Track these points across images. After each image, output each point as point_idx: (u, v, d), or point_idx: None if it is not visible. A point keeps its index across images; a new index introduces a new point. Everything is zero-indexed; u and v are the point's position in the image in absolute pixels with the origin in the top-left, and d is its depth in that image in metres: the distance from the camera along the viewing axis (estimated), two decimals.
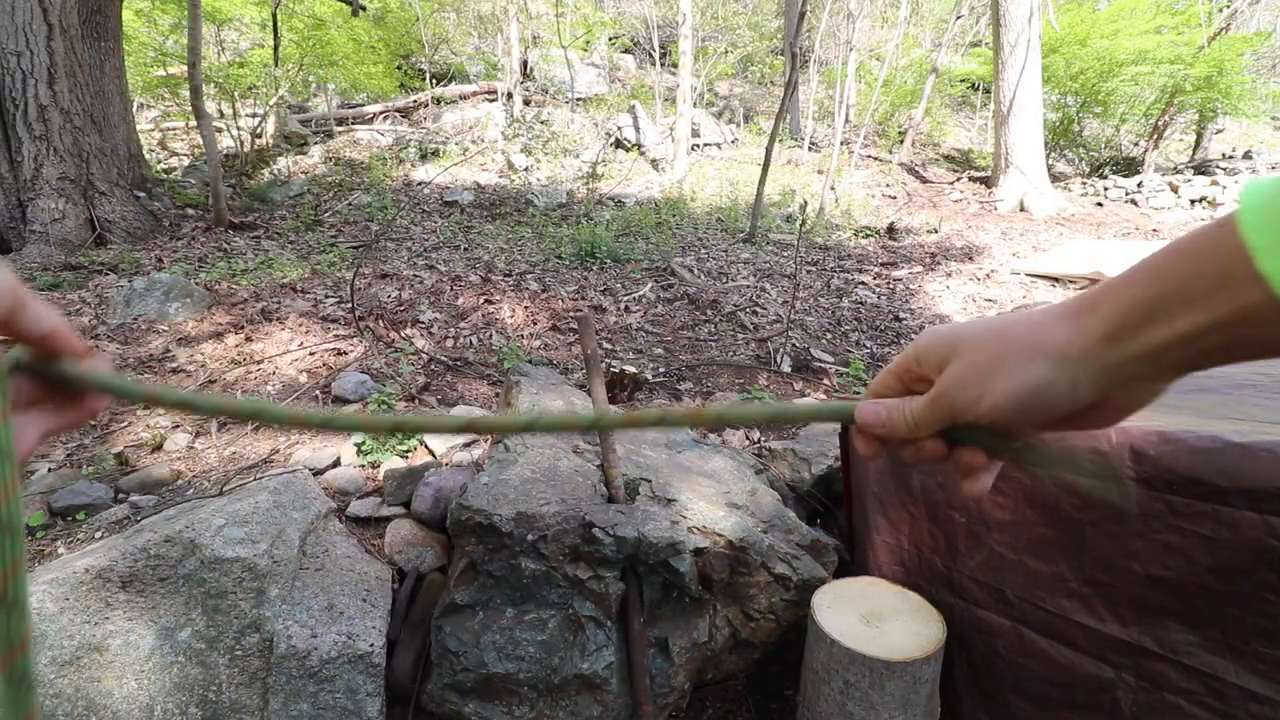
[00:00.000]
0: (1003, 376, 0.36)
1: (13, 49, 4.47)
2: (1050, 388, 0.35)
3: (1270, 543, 0.95)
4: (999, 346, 0.36)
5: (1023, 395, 0.35)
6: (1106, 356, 0.34)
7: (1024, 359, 0.35)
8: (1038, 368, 0.35)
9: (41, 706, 1.23)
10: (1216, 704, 1.02)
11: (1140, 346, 0.32)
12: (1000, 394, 0.36)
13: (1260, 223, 0.27)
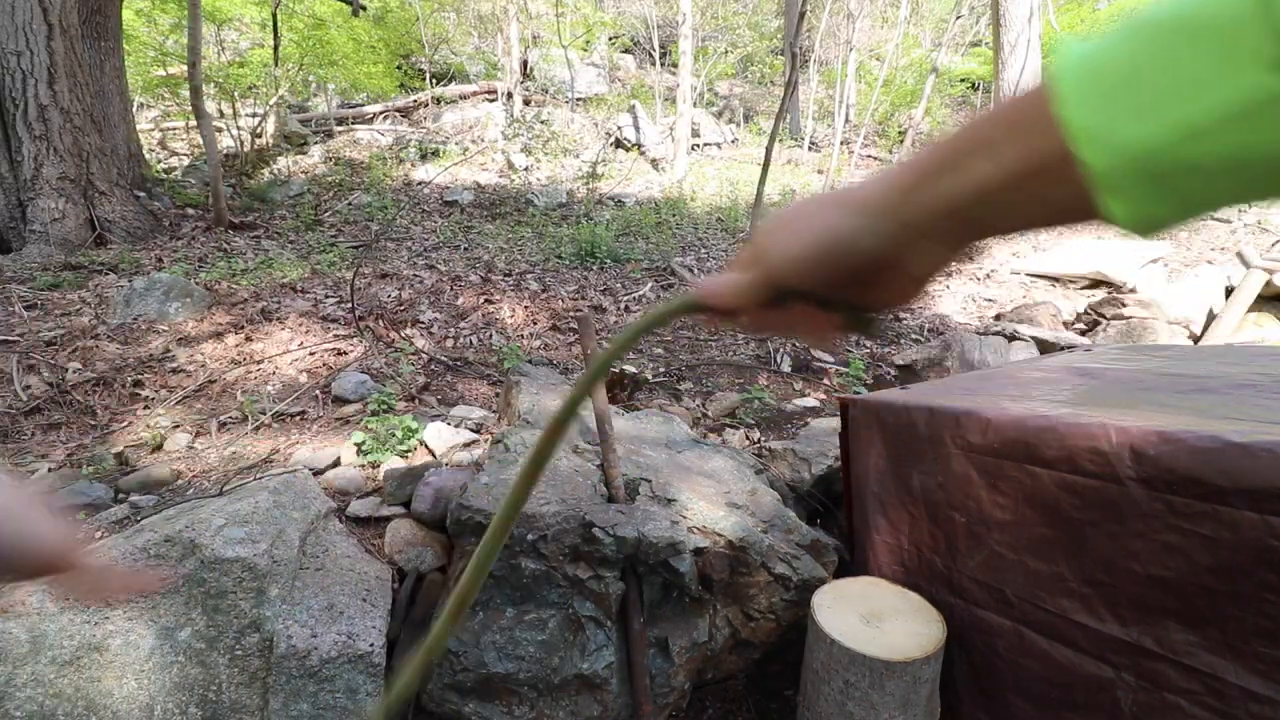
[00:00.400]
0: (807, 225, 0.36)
1: (13, 49, 4.46)
2: (847, 235, 0.35)
3: (1270, 543, 0.95)
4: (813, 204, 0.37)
5: (823, 241, 0.36)
6: (904, 208, 0.33)
7: (829, 210, 0.36)
8: (838, 215, 0.35)
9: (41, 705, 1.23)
10: (1216, 704, 1.02)
11: (934, 198, 0.32)
12: (803, 241, 0.36)
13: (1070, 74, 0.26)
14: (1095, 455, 1.13)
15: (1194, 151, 0.23)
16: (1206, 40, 0.23)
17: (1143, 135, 0.24)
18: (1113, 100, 0.25)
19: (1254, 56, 0.22)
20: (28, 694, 1.22)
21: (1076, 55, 0.27)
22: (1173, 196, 0.25)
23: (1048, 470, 1.21)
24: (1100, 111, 0.25)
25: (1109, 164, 0.25)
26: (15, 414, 2.40)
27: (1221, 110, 0.22)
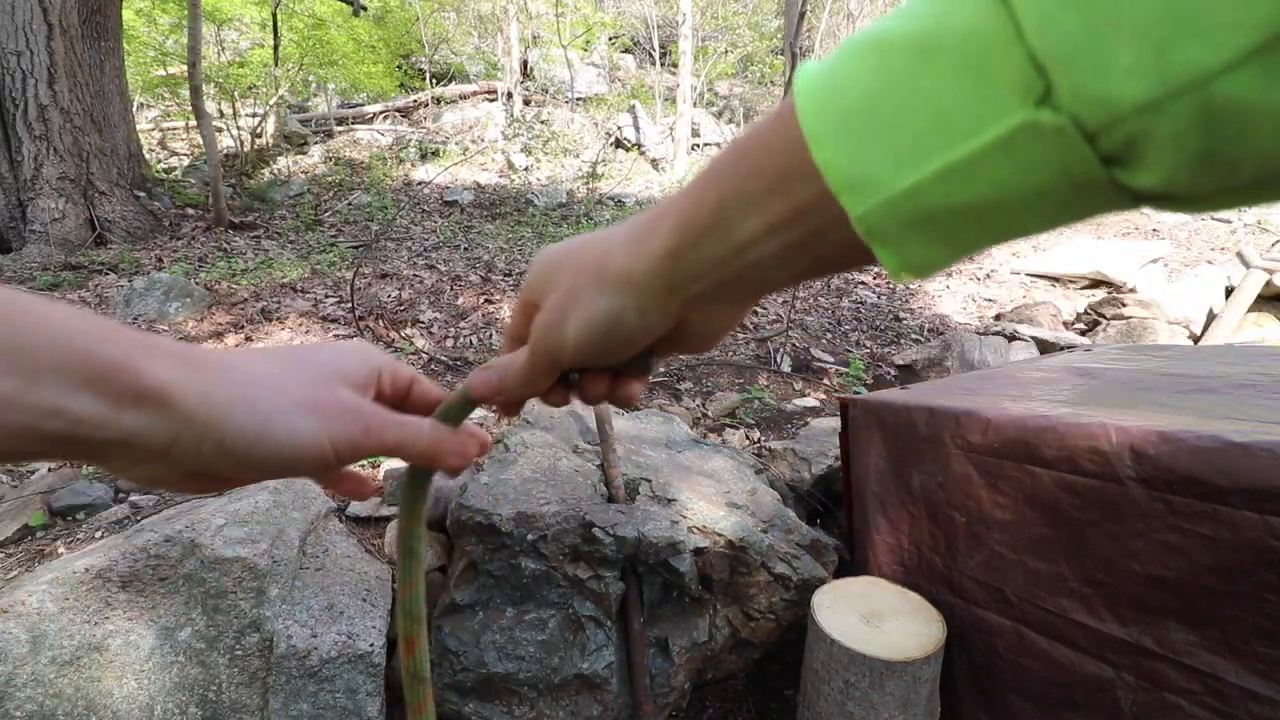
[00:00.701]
0: (576, 312, 0.33)
1: (13, 49, 4.47)
2: (620, 318, 0.32)
3: (1270, 543, 0.95)
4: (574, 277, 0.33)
5: (596, 330, 0.32)
6: (671, 277, 0.30)
7: (594, 289, 0.32)
8: (605, 298, 0.32)
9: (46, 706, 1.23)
10: (1216, 704, 1.02)
11: (700, 263, 0.29)
12: (577, 332, 0.33)
13: (814, 105, 0.23)
14: (1095, 455, 1.13)
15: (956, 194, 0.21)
16: (951, 67, 0.20)
17: (899, 180, 0.21)
18: (861, 137, 0.22)
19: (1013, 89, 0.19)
20: (28, 694, 1.22)
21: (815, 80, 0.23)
22: (939, 240, 0.23)
23: (1048, 470, 1.21)
24: (852, 152, 0.22)
25: (870, 213, 0.22)
26: None
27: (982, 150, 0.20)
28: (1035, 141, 0.19)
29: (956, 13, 0.20)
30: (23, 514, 1.81)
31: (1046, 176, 0.19)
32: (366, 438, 0.34)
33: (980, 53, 0.19)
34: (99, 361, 0.26)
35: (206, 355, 0.31)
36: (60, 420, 0.25)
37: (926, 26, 0.20)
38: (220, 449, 0.30)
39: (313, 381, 0.33)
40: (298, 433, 0.32)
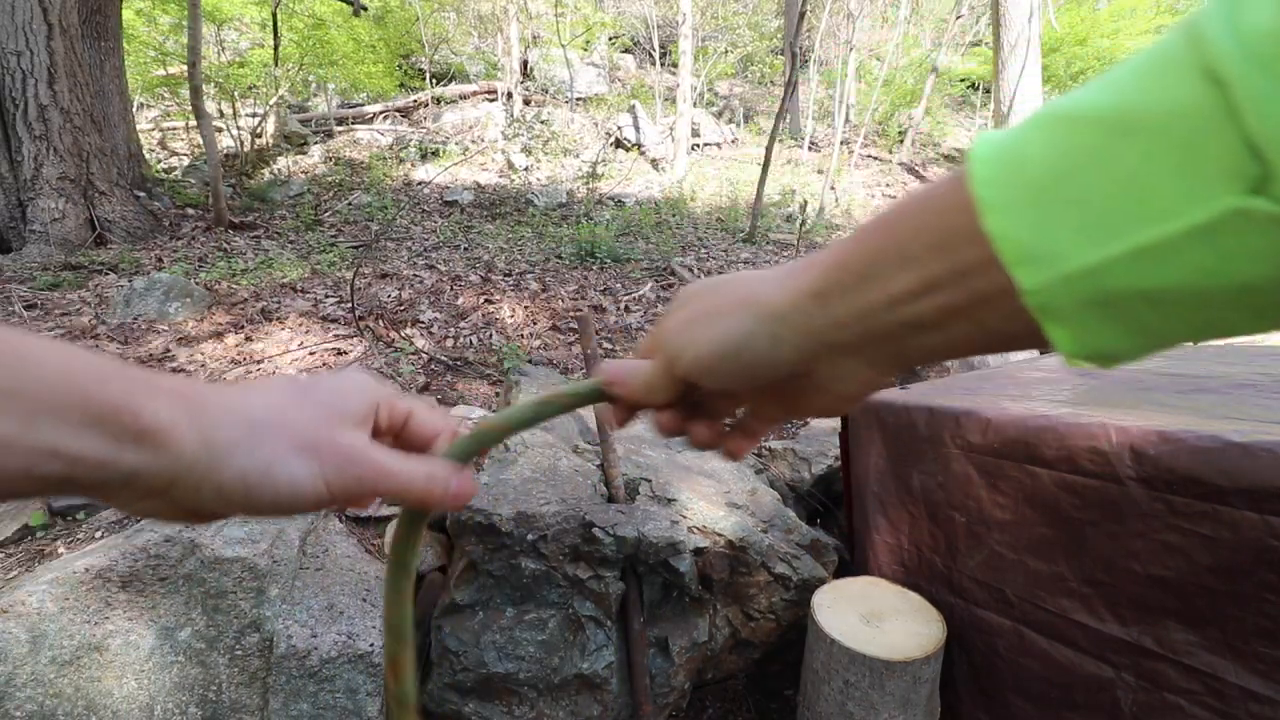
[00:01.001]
0: (709, 325, 0.33)
1: (13, 49, 4.47)
2: (750, 341, 0.31)
3: (1270, 543, 0.95)
4: (720, 298, 0.33)
5: (722, 346, 0.32)
6: (813, 317, 0.29)
7: (734, 309, 0.32)
8: (742, 318, 0.32)
9: (42, 706, 1.23)
10: (1216, 704, 1.02)
11: (847, 309, 0.28)
12: (702, 342, 0.33)
13: (990, 174, 0.23)
14: (1095, 455, 1.13)
15: (1147, 278, 0.20)
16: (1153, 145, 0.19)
17: (1082, 256, 0.20)
18: (1045, 210, 0.21)
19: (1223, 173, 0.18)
20: (28, 694, 1.22)
21: (993, 148, 0.23)
22: (1126, 327, 0.21)
23: (1048, 470, 1.21)
24: (1031, 224, 0.21)
25: (1046, 287, 0.21)
26: None
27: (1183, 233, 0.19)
28: (1246, 231, 0.18)
29: (1162, 90, 0.19)
30: (23, 514, 1.81)
31: (1258, 270, 0.18)
32: (361, 485, 0.34)
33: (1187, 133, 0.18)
34: (98, 402, 0.26)
35: (208, 394, 0.31)
36: (59, 461, 0.25)
37: (1126, 102, 0.20)
38: (219, 492, 0.30)
39: (313, 421, 0.33)
40: (297, 478, 0.32)
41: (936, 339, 0.27)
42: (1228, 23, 0.18)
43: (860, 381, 0.31)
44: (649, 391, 0.37)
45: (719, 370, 0.33)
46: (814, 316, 0.30)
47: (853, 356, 0.30)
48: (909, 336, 0.27)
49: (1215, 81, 0.18)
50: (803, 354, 0.31)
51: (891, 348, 0.28)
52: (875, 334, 0.28)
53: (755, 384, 0.33)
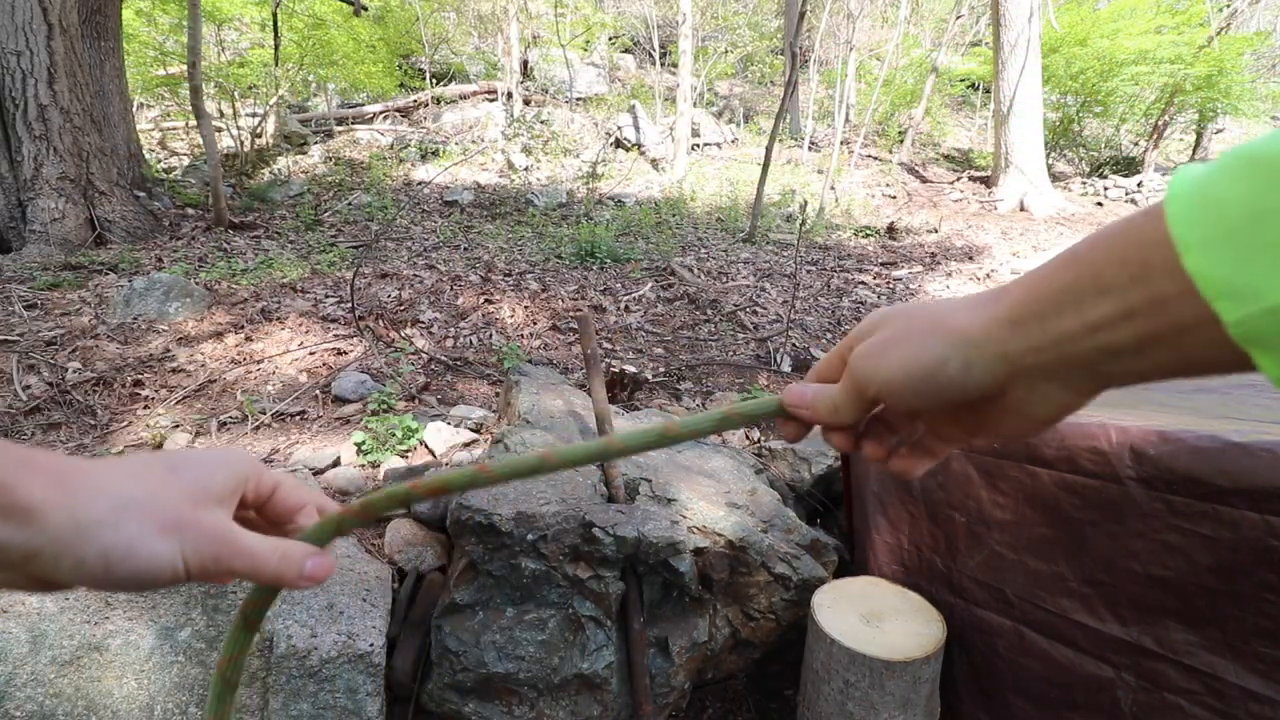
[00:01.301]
0: (901, 349, 0.34)
1: (13, 49, 4.46)
2: (943, 366, 0.33)
3: (1270, 543, 0.95)
4: (910, 323, 0.35)
5: (914, 369, 0.33)
6: (1008, 343, 0.31)
7: (926, 334, 0.33)
8: (934, 343, 0.33)
9: (42, 706, 1.23)
10: (1216, 704, 1.02)
11: (1044, 335, 0.29)
12: (894, 365, 0.34)
13: (1187, 214, 0.24)
14: (1095, 455, 1.13)
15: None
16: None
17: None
18: (1243, 248, 0.22)
19: None
20: (28, 694, 1.22)
21: (1189, 186, 0.24)
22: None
23: (1048, 470, 1.21)
24: (1231, 262, 0.23)
25: (1250, 319, 0.23)
26: (15, 414, 2.40)
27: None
28: None
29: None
30: None
31: None
32: (219, 564, 0.36)
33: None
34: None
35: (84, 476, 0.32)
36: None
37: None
38: (78, 567, 0.31)
39: (178, 500, 0.35)
40: (158, 556, 0.33)
41: (1137, 363, 0.28)
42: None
43: (1058, 405, 0.32)
44: (835, 414, 0.38)
45: (911, 393, 0.34)
46: (1009, 342, 0.31)
47: (1050, 381, 0.31)
48: (1107, 362, 0.28)
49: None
50: (996, 378, 0.32)
51: (1090, 372, 0.30)
52: (1073, 359, 0.29)
53: (945, 406, 0.34)
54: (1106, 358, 0.28)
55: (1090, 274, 0.28)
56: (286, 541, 0.40)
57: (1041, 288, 0.30)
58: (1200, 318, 0.24)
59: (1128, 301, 0.26)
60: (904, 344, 0.34)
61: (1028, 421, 0.33)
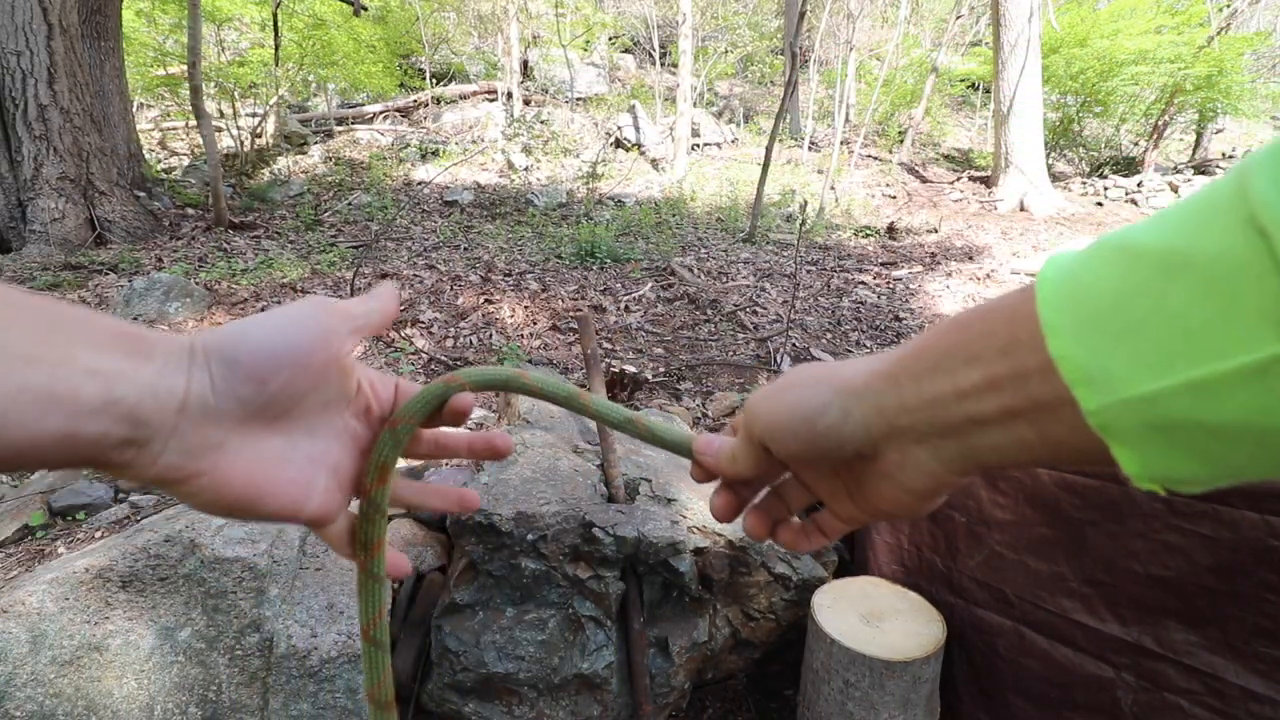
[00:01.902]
0: (791, 393, 0.35)
1: (13, 49, 4.47)
2: (824, 412, 0.33)
3: (1270, 543, 0.95)
4: (808, 373, 0.36)
5: (797, 412, 0.34)
6: (884, 396, 0.31)
7: (816, 383, 0.34)
8: (821, 390, 0.34)
9: (42, 705, 1.23)
10: (1217, 703, 1.02)
11: (918, 395, 0.30)
12: (782, 408, 0.35)
13: (1054, 296, 0.24)
14: None
15: (1204, 411, 0.20)
16: (1200, 288, 0.20)
17: (1140, 385, 0.21)
18: (1102, 335, 0.22)
19: (1265, 319, 0.19)
20: (28, 694, 1.22)
21: (1060, 270, 0.25)
22: (1191, 454, 0.22)
23: (1048, 470, 1.21)
24: (1091, 349, 0.23)
25: (1106, 409, 0.22)
26: None
27: (1233, 373, 0.19)
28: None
29: (1209, 235, 0.20)
30: (23, 514, 1.81)
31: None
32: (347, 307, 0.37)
33: (1231, 279, 0.19)
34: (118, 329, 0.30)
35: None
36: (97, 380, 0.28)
37: (1177, 243, 0.21)
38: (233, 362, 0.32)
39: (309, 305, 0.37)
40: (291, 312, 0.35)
41: (1001, 438, 0.28)
42: (1274, 178, 0.19)
43: (926, 474, 0.32)
44: (732, 463, 0.39)
45: (792, 436, 0.35)
46: (885, 396, 0.31)
47: (920, 445, 0.31)
48: (974, 433, 0.28)
49: (1259, 232, 0.19)
50: (871, 432, 0.32)
51: (957, 442, 0.29)
52: (940, 424, 0.29)
53: (822, 456, 0.34)
54: (973, 428, 0.28)
55: (965, 341, 0.28)
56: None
57: (923, 349, 0.30)
58: (1060, 399, 0.24)
59: (993, 372, 0.27)
60: (795, 389, 0.35)
61: (901, 491, 0.33)
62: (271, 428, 0.34)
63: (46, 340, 0.27)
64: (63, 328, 0.28)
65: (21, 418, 0.26)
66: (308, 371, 0.34)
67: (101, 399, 0.28)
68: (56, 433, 0.27)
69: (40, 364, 0.26)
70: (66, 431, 0.27)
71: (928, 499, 0.33)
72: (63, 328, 0.28)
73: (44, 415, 0.26)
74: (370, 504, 0.42)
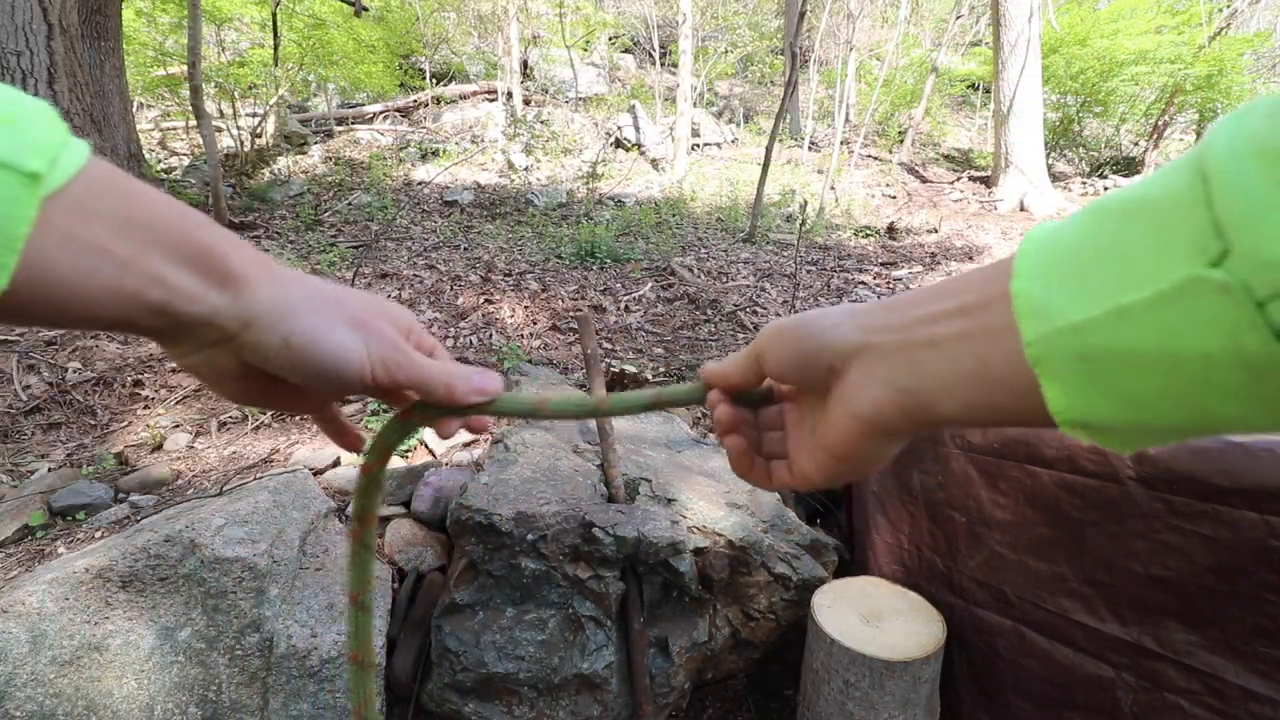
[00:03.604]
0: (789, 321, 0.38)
1: (13, 49, 4.47)
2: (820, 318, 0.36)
3: (1270, 543, 0.95)
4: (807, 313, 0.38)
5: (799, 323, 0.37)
6: (873, 315, 0.34)
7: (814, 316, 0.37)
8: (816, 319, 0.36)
9: (41, 704, 1.23)
10: (1217, 703, 1.02)
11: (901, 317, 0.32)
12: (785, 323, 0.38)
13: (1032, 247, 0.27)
14: (1095, 455, 1.13)
15: (1121, 335, 0.22)
16: (1146, 224, 0.22)
17: (1072, 309, 0.23)
18: (1054, 274, 0.25)
19: (1192, 248, 0.20)
20: (28, 694, 1.22)
21: (1043, 230, 0.27)
22: (1110, 390, 0.23)
23: (1048, 470, 1.21)
24: (1042, 285, 0.25)
25: (1041, 339, 0.24)
26: (15, 414, 2.40)
27: (1153, 297, 0.21)
28: (1202, 298, 0.20)
29: (1164, 182, 0.23)
30: (23, 514, 1.81)
31: (1212, 339, 0.20)
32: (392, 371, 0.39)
33: (1171, 213, 0.21)
34: (195, 243, 0.31)
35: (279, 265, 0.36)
36: (161, 289, 0.29)
37: (1138, 193, 0.23)
38: (286, 344, 0.34)
39: (365, 308, 0.38)
40: (348, 345, 0.36)
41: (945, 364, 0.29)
42: (1229, 130, 0.21)
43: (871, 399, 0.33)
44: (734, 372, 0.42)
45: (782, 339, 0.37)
46: (873, 316, 0.34)
47: (881, 364, 0.32)
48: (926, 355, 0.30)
49: (1201, 174, 0.21)
50: (848, 344, 0.34)
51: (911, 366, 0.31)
52: (906, 343, 0.31)
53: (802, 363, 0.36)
54: (928, 350, 0.30)
55: (954, 284, 0.31)
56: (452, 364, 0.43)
57: (922, 289, 0.33)
58: (1006, 326, 0.26)
59: (965, 301, 0.29)
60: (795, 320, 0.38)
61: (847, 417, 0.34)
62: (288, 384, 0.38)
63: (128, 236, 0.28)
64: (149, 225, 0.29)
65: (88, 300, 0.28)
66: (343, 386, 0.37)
67: (162, 305, 0.30)
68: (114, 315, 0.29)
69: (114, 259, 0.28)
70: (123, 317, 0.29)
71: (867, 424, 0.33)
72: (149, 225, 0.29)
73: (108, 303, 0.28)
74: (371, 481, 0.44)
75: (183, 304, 0.30)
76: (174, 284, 0.30)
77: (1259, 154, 0.19)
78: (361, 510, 0.45)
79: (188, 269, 0.30)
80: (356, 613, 0.47)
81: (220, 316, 0.32)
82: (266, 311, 0.33)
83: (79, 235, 0.27)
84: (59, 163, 0.26)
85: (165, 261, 0.29)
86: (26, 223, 0.25)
